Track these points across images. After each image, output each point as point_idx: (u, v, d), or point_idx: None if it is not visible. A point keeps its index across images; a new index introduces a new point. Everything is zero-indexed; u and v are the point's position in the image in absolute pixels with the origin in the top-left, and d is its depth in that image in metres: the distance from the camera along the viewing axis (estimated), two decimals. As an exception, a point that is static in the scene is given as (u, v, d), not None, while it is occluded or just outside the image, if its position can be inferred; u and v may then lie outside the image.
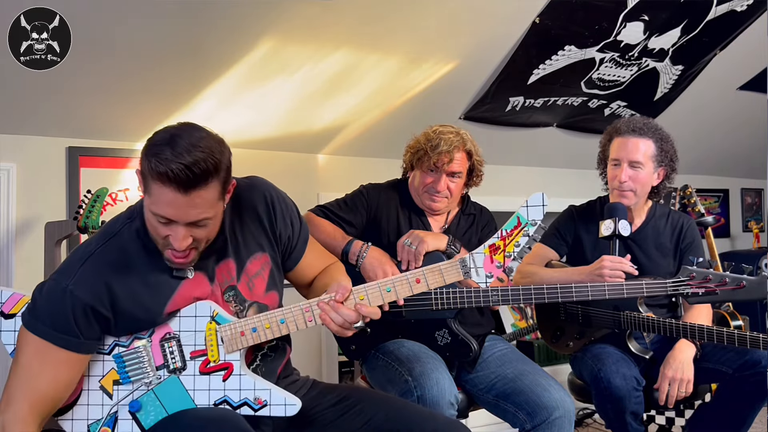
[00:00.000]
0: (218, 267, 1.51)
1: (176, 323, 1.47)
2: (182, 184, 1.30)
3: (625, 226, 2.18)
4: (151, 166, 1.31)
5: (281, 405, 1.44)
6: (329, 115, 2.96)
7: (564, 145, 3.70)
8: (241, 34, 2.44)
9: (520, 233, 1.36)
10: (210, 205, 1.37)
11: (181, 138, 1.33)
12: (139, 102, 2.56)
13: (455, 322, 2.06)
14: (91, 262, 1.42)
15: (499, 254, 1.37)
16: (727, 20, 3.20)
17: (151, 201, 1.35)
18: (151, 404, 1.45)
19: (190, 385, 1.46)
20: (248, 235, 1.54)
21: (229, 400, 1.45)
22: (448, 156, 2.08)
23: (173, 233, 1.37)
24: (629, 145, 2.25)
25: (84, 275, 1.40)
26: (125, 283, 1.42)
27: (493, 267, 1.38)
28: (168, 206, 1.33)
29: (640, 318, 2.14)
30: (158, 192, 1.32)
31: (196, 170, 1.30)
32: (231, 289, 1.52)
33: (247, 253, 1.54)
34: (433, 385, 1.83)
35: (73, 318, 1.38)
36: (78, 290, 1.39)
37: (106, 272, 1.42)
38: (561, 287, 2.02)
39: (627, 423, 2.09)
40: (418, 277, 1.42)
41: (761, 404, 2.10)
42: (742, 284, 1.91)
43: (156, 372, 1.46)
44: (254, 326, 1.44)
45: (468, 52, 2.90)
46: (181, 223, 1.35)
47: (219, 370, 1.46)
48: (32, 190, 2.55)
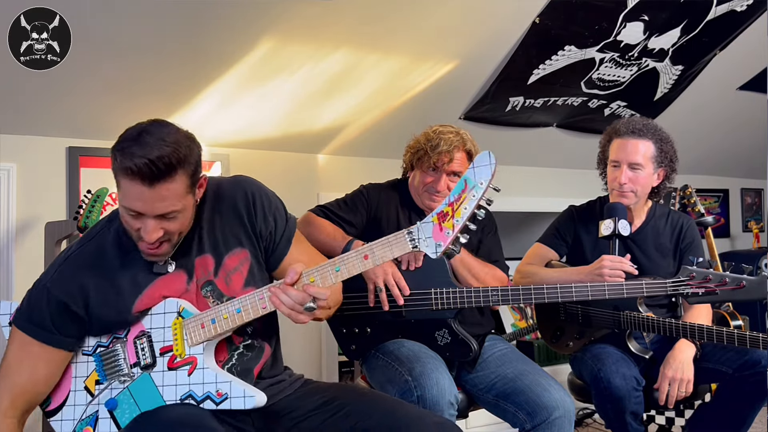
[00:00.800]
0: (197, 261, 1.53)
1: (148, 321, 1.50)
2: (147, 177, 1.34)
3: (624, 226, 2.18)
4: (117, 162, 1.36)
5: (240, 398, 1.45)
6: (329, 115, 2.96)
7: (564, 145, 3.70)
8: (241, 34, 2.44)
9: (467, 197, 1.28)
10: (177, 198, 1.40)
11: (148, 134, 1.37)
12: (139, 102, 2.56)
13: (455, 322, 2.06)
14: (68, 263, 1.51)
15: (447, 221, 1.29)
16: (727, 20, 3.20)
17: (121, 195, 1.40)
18: (126, 402, 1.49)
19: (159, 381, 1.49)
20: (227, 230, 1.55)
21: (194, 395, 1.47)
22: (448, 156, 2.08)
23: (143, 226, 1.41)
24: (629, 146, 2.25)
25: (61, 275, 1.49)
26: (97, 284, 1.48)
27: (442, 236, 1.30)
28: (136, 200, 1.37)
29: (640, 318, 2.14)
30: (126, 186, 1.37)
31: (159, 165, 1.34)
32: (208, 284, 1.53)
33: (225, 249, 1.55)
34: (433, 385, 1.83)
35: (48, 313, 1.47)
36: (54, 288, 1.47)
37: (80, 273, 1.48)
38: (561, 287, 2.02)
39: (627, 423, 2.09)
40: (366, 253, 1.39)
41: (761, 404, 2.10)
42: (742, 284, 1.91)
43: (131, 370, 1.50)
44: (213, 317, 1.46)
45: (468, 52, 2.90)
46: (149, 215, 1.39)
47: (185, 364, 1.48)
48: (32, 190, 2.55)
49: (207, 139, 2.86)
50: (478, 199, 1.29)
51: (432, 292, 2.03)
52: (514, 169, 3.74)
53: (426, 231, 1.33)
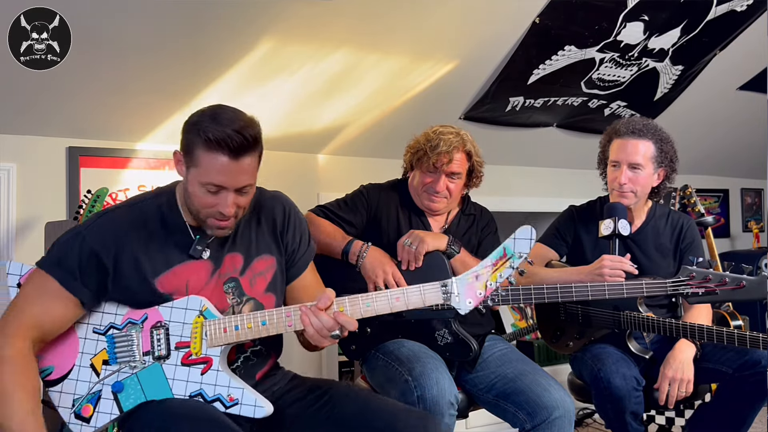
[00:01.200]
0: (227, 256, 1.58)
1: (168, 313, 1.52)
2: (234, 149, 1.40)
3: (624, 226, 2.18)
4: (202, 136, 1.40)
5: (251, 406, 1.48)
6: (329, 115, 2.96)
7: (564, 145, 3.70)
8: (241, 34, 2.44)
9: (504, 264, 1.38)
10: (253, 171, 1.49)
11: (223, 111, 1.44)
12: (139, 102, 2.57)
13: (455, 322, 2.06)
14: (108, 217, 1.54)
15: (481, 283, 1.39)
16: (727, 20, 3.20)
17: (200, 172, 1.44)
18: (132, 388, 1.50)
19: (170, 374, 1.50)
20: (261, 236, 1.63)
21: (204, 394, 1.49)
22: (448, 156, 2.08)
23: (221, 201, 1.46)
24: (629, 147, 2.24)
25: (99, 226, 1.51)
26: (132, 246, 1.50)
27: (473, 294, 1.40)
28: (219, 173, 1.42)
29: (640, 318, 2.14)
30: (209, 160, 1.42)
31: (246, 135, 1.41)
32: (232, 281, 1.58)
33: (256, 252, 1.61)
34: (433, 385, 1.83)
35: (77, 259, 1.47)
36: (89, 236, 1.49)
37: (119, 230, 1.50)
38: (561, 287, 2.02)
39: (627, 423, 2.09)
40: (398, 296, 1.46)
41: (761, 404, 2.10)
42: (741, 284, 1.91)
43: (142, 357, 1.51)
44: (237, 324, 1.49)
45: (468, 52, 2.90)
46: (230, 189, 1.45)
47: (199, 363, 1.50)
48: (32, 190, 2.55)
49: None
50: (514, 269, 1.38)
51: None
52: (514, 169, 3.74)
53: (460, 286, 1.41)
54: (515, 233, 1.39)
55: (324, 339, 1.45)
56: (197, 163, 1.44)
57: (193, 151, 1.44)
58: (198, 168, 1.44)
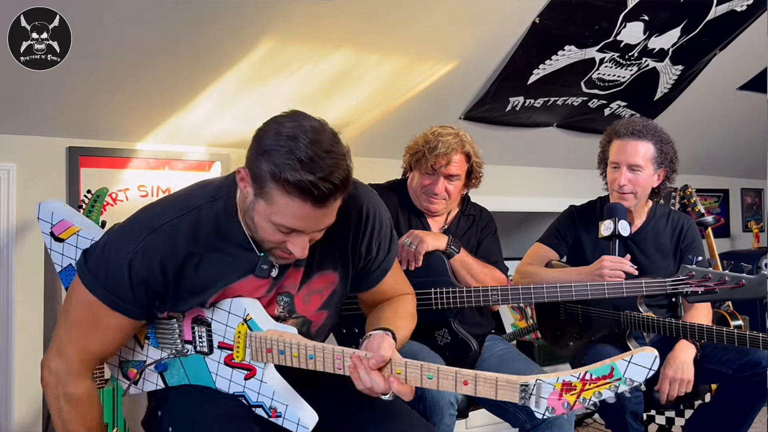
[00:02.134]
0: (289, 272, 1.43)
1: (210, 311, 1.43)
2: (320, 199, 1.19)
3: (624, 227, 2.18)
4: (278, 174, 1.17)
5: (294, 423, 1.40)
6: (329, 115, 2.90)
7: (564, 145, 3.70)
8: (241, 35, 2.44)
9: (607, 385, 1.16)
10: (334, 212, 1.29)
11: (308, 144, 1.18)
12: (139, 102, 2.57)
13: (455, 322, 2.06)
14: (156, 236, 1.32)
15: (572, 395, 1.18)
16: (727, 20, 3.20)
17: (273, 210, 1.23)
18: (176, 369, 1.49)
19: (213, 369, 1.46)
20: (327, 250, 1.44)
21: (248, 398, 1.44)
22: (446, 158, 2.08)
23: (294, 242, 1.28)
24: (628, 148, 2.24)
25: (147, 249, 1.31)
26: (186, 265, 1.34)
27: (558, 404, 1.19)
28: (297, 219, 1.23)
29: (640, 318, 2.14)
30: (286, 203, 1.21)
31: (335, 181, 1.19)
32: (287, 296, 1.46)
33: (318, 267, 1.46)
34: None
35: (129, 286, 1.32)
36: (137, 262, 1.31)
37: (168, 250, 1.32)
38: (561, 287, 2.02)
39: (627, 423, 2.09)
40: (467, 380, 1.26)
41: (761, 404, 2.10)
42: (741, 283, 1.91)
43: (184, 345, 1.45)
44: (282, 349, 1.38)
45: (468, 52, 2.90)
46: (307, 232, 1.28)
47: (243, 368, 1.43)
48: (32, 190, 2.55)
49: (207, 139, 2.86)
50: (615, 391, 1.17)
51: (432, 292, 2.03)
52: (514, 169, 3.74)
53: (543, 391, 1.21)
54: (633, 356, 1.15)
55: (373, 394, 1.31)
56: (270, 200, 1.22)
57: (263, 181, 1.21)
58: (270, 206, 1.23)
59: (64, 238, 1.48)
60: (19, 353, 2.51)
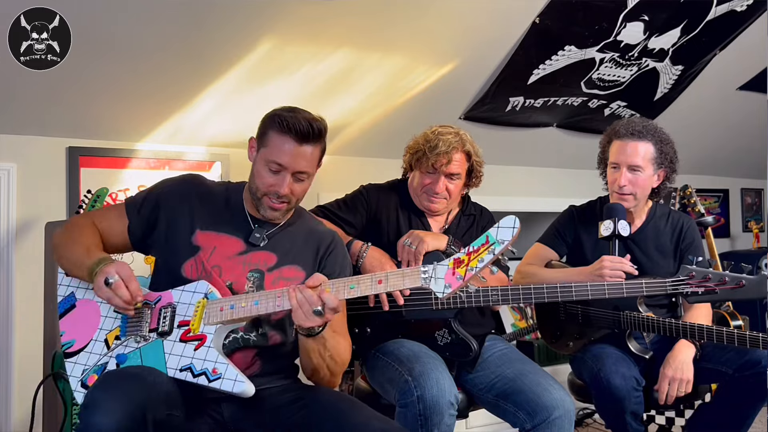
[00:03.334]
0: (262, 252, 1.70)
1: (178, 295, 1.62)
2: (300, 134, 1.61)
3: (624, 227, 2.18)
4: (277, 120, 1.62)
5: (231, 380, 1.51)
6: (329, 116, 2.91)
7: (564, 145, 3.70)
8: (241, 35, 2.44)
9: (486, 251, 1.38)
10: (312, 163, 1.66)
11: (299, 108, 1.67)
12: (139, 102, 2.57)
13: (455, 322, 2.06)
14: (181, 179, 1.79)
15: (461, 268, 1.39)
16: (727, 20, 3.20)
17: (268, 151, 1.63)
18: (134, 360, 1.58)
19: (168, 350, 1.57)
20: (299, 250, 1.75)
21: (193, 368, 1.54)
22: (446, 157, 2.08)
23: (279, 181, 1.64)
24: (628, 148, 2.24)
25: (170, 185, 1.75)
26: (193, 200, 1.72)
27: (453, 279, 1.40)
28: (283, 153, 1.62)
29: (640, 318, 2.14)
30: (277, 141, 1.62)
31: (314, 126, 1.62)
32: (258, 272, 1.68)
33: (291, 260, 1.73)
34: (433, 385, 1.83)
35: (146, 196, 1.74)
36: (158, 188, 1.75)
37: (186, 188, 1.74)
38: (561, 287, 2.02)
39: (627, 423, 2.09)
40: (381, 279, 1.47)
41: (761, 404, 2.10)
42: (741, 283, 1.91)
43: (148, 333, 1.59)
44: (232, 303, 1.56)
45: (468, 52, 2.90)
46: (289, 170, 1.63)
47: (195, 340, 1.56)
48: (32, 190, 2.55)
49: (207, 139, 2.86)
50: (495, 255, 1.38)
51: (432, 292, 2.02)
52: (514, 169, 3.74)
53: (439, 272, 1.41)
54: (499, 222, 1.41)
55: (306, 317, 1.47)
56: (267, 143, 1.64)
57: (266, 134, 1.64)
58: (267, 148, 1.64)
59: None
60: (19, 353, 2.52)
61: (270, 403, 1.63)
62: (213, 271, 1.65)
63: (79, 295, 1.70)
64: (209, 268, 1.65)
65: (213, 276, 1.65)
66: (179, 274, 1.65)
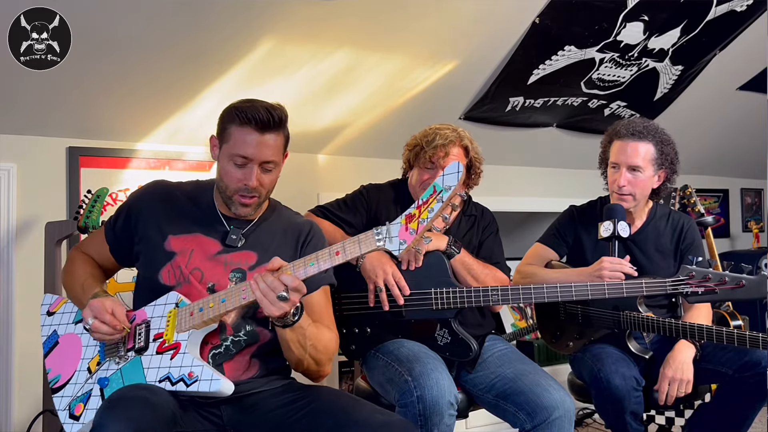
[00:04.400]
0: (241, 253, 1.69)
1: (150, 310, 1.63)
2: (261, 124, 1.60)
3: (623, 228, 2.18)
4: (235, 114, 1.61)
5: (207, 380, 1.51)
6: (330, 115, 2.96)
7: (564, 145, 3.70)
8: (241, 35, 2.44)
9: (434, 200, 1.38)
10: (277, 151, 1.65)
11: (256, 99, 1.65)
12: (139, 102, 2.57)
13: (455, 322, 2.06)
14: (152, 184, 1.79)
15: (413, 222, 1.39)
16: (727, 20, 3.20)
17: (231, 145, 1.62)
18: (116, 381, 1.58)
19: (146, 364, 1.58)
20: (282, 245, 1.73)
21: (171, 376, 1.54)
22: (444, 150, 2.08)
23: (247, 174, 1.62)
24: (628, 149, 2.24)
25: (141, 192, 1.77)
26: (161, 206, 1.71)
27: (407, 234, 1.39)
28: (247, 145, 1.60)
29: (639, 318, 2.14)
30: (239, 134, 1.61)
31: (274, 115, 1.61)
32: (239, 272, 1.67)
33: (269, 256, 1.63)
34: (433, 385, 1.83)
35: (117, 213, 1.75)
36: (132, 197, 1.77)
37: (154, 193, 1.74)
38: (561, 287, 2.02)
39: (627, 423, 2.09)
40: (338, 250, 1.46)
41: (761, 404, 2.10)
42: (741, 283, 1.91)
43: (126, 353, 1.60)
44: (201, 306, 1.56)
45: (468, 52, 2.90)
46: (255, 161, 1.62)
47: (170, 349, 1.57)
48: (32, 190, 2.55)
49: (207, 139, 2.85)
50: (444, 203, 1.37)
51: (432, 292, 2.03)
52: (514, 169, 3.74)
53: (393, 231, 1.41)
54: (443, 170, 1.41)
55: (272, 305, 1.45)
56: (229, 138, 1.62)
57: (226, 129, 1.63)
58: (229, 143, 1.62)
59: (56, 311, 1.76)
60: (19, 353, 2.52)
61: (270, 404, 1.62)
62: (193, 274, 1.64)
63: (60, 332, 1.71)
64: (187, 273, 1.64)
65: (191, 281, 1.64)
66: (157, 282, 1.65)
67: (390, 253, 1.40)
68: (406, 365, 1.92)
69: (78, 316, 1.71)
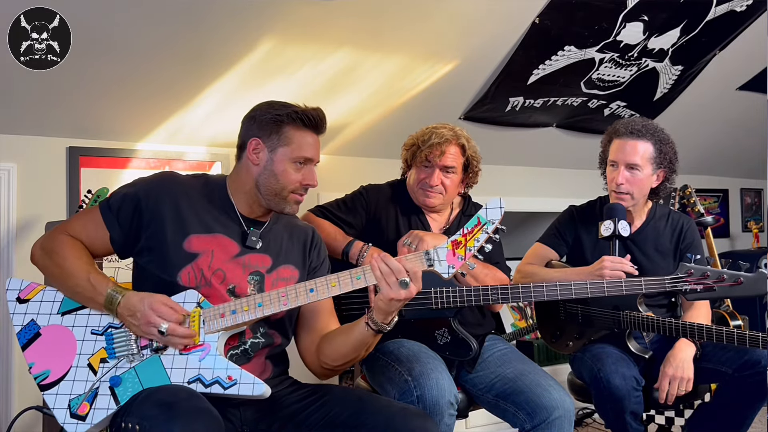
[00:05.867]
0: (256, 255, 1.67)
1: None
2: (317, 126, 1.66)
3: (624, 227, 2.18)
4: (293, 117, 1.63)
5: (249, 384, 1.50)
6: (329, 116, 2.90)
7: (564, 145, 3.71)
8: (241, 35, 2.44)
9: (480, 231, 1.52)
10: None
11: (288, 102, 1.68)
12: (139, 102, 2.57)
13: (455, 322, 2.06)
14: (163, 175, 1.71)
15: (460, 249, 1.51)
16: (727, 20, 3.20)
17: (292, 149, 1.63)
18: (130, 381, 1.52)
19: (168, 364, 1.53)
20: (290, 249, 1.74)
21: (203, 379, 1.51)
22: (440, 149, 2.09)
23: (307, 173, 1.65)
24: (627, 147, 2.24)
25: (151, 181, 1.67)
26: (179, 198, 1.63)
27: (455, 260, 1.51)
28: (310, 147, 1.65)
29: (639, 318, 2.14)
30: (300, 137, 1.63)
31: (323, 116, 1.67)
32: (258, 275, 1.66)
33: (284, 260, 1.72)
34: (433, 385, 1.83)
35: (121, 201, 1.62)
36: (139, 186, 1.65)
37: (170, 184, 1.66)
38: (560, 286, 2.01)
39: (626, 423, 2.09)
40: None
41: (761, 404, 2.10)
42: (739, 281, 1.91)
43: (140, 351, 1.54)
44: (234, 309, 1.54)
45: (468, 52, 2.90)
46: (314, 162, 1.67)
47: (198, 350, 1.54)
48: (32, 190, 2.55)
49: (207, 139, 2.86)
50: (488, 234, 1.52)
51: (432, 292, 2.03)
52: (514, 169, 3.74)
53: (441, 254, 1.52)
54: (486, 204, 1.54)
55: (392, 288, 1.49)
56: (288, 141, 1.63)
57: (282, 131, 1.63)
58: (290, 146, 1.63)
59: (29, 298, 1.62)
60: (19, 353, 2.51)
61: (286, 402, 1.63)
62: (216, 275, 1.60)
63: (41, 322, 1.59)
64: (209, 275, 1.59)
65: (212, 283, 1.59)
66: (175, 283, 1.58)
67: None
68: (406, 365, 1.92)
69: (64, 306, 1.59)
